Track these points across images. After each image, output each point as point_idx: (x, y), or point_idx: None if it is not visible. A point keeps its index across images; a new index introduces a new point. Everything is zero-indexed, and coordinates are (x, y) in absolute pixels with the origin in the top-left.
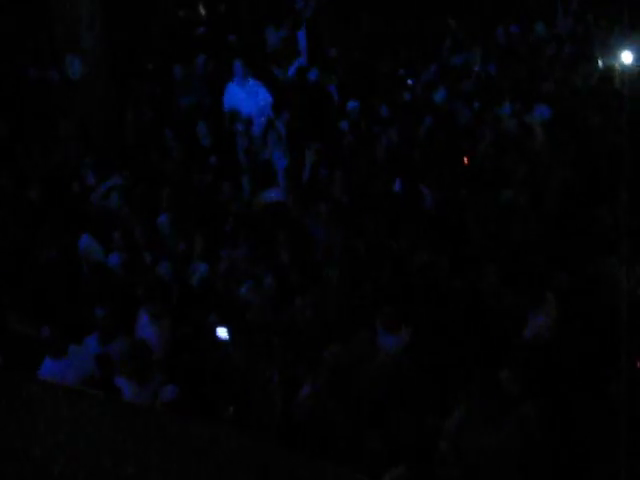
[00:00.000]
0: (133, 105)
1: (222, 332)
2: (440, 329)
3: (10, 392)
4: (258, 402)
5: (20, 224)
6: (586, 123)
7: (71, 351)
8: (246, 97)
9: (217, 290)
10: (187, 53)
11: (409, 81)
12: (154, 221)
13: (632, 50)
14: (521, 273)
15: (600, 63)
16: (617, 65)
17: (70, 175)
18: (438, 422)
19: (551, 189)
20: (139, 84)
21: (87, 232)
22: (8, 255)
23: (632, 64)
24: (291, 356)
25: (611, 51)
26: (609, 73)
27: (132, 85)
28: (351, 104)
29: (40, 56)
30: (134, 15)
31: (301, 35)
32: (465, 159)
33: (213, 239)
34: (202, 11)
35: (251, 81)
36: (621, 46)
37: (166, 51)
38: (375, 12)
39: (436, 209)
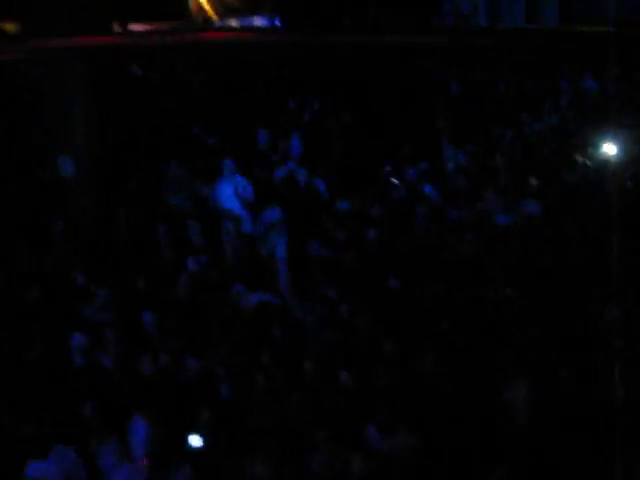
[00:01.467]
0: (124, 204)
1: (194, 440)
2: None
3: None
4: None
5: (12, 320)
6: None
7: (55, 450)
8: (232, 194)
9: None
10: (179, 153)
11: (394, 180)
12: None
13: (614, 142)
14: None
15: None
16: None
17: (61, 275)
18: None
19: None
20: (130, 183)
21: (79, 331)
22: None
23: (615, 156)
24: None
25: (594, 145)
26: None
27: (123, 184)
28: (342, 204)
29: (34, 156)
30: (126, 116)
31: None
32: None
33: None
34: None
35: (238, 178)
36: (604, 139)
37: (157, 151)
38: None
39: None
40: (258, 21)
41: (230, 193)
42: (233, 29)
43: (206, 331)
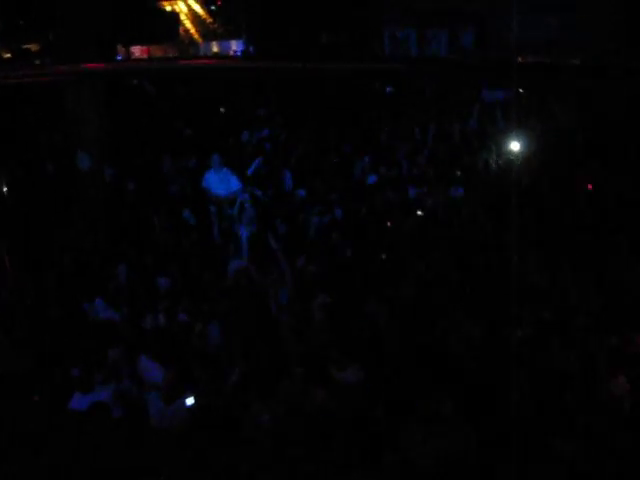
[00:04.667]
0: (131, 191)
1: (189, 401)
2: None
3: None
4: None
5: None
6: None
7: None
8: (219, 182)
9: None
10: (176, 149)
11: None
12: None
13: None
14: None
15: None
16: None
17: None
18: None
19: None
20: (136, 175)
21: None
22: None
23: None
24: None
25: (505, 142)
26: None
27: (129, 176)
28: (300, 192)
29: (55, 151)
30: (132, 118)
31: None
32: None
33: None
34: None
35: (224, 170)
36: (512, 138)
37: (157, 149)
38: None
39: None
40: (234, 45)
41: (217, 182)
42: (209, 57)
43: (197, 291)
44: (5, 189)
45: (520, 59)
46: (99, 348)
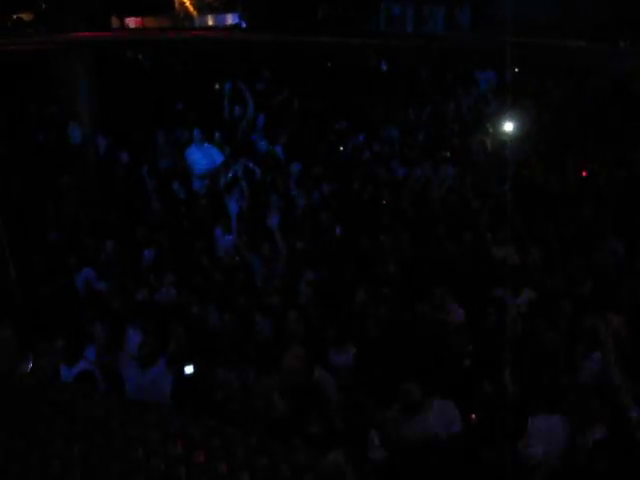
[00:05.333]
0: (120, 164)
1: (188, 369)
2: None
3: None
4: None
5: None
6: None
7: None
8: (202, 157)
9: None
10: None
11: (340, 147)
12: (137, 257)
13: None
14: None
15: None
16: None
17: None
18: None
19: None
20: (126, 147)
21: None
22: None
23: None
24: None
25: (497, 123)
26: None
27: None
28: (295, 166)
29: (47, 123)
30: (123, 91)
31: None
32: None
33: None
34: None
35: (206, 145)
36: (505, 119)
37: (149, 121)
38: (315, 93)
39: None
40: (230, 19)
41: (199, 156)
42: (203, 28)
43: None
44: None
45: (514, 39)
46: (86, 320)
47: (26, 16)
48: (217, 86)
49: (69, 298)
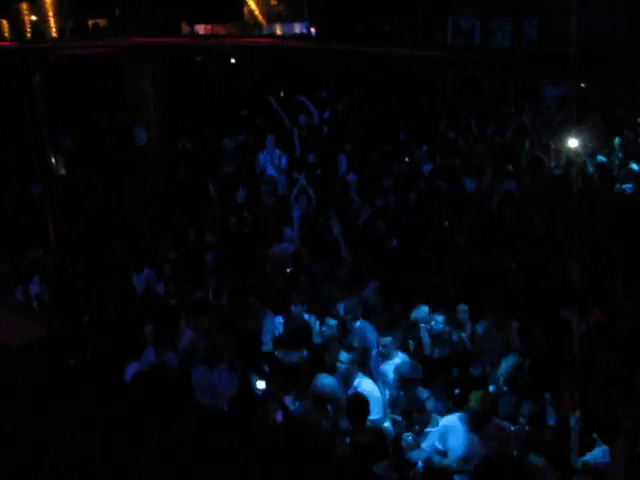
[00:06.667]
0: (185, 167)
1: (260, 384)
2: None
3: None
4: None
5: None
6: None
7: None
8: (272, 164)
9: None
10: (231, 130)
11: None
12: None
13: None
14: None
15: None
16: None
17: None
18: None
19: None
20: (191, 152)
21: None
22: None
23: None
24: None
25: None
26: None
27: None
28: (350, 176)
29: (114, 126)
30: (189, 95)
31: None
32: None
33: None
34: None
35: (277, 151)
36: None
37: (214, 126)
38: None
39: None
40: (298, 28)
41: (269, 162)
42: (267, 36)
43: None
44: (62, 162)
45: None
46: (144, 319)
47: (101, 22)
48: (282, 94)
49: (127, 298)
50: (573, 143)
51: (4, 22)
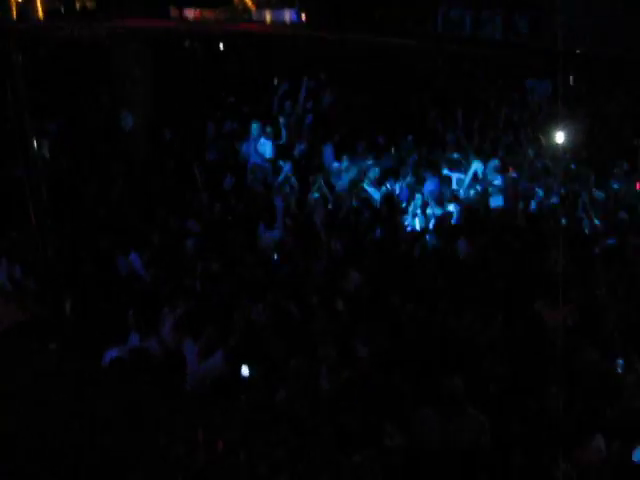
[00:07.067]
0: (171, 151)
1: (245, 370)
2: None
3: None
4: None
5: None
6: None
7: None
8: (256, 151)
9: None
10: (217, 116)
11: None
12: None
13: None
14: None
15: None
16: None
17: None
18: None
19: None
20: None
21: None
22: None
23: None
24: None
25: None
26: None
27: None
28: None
29: (100, 110)
30: (175, 81)
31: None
32: None
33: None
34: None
35: (262, 139)
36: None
37: (199, 113)
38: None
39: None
40: (287, 14)
41: (254, 150)
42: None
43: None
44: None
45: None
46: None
47: (89, 4)
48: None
49: (109, 281)
50: (559, 138)
51: None
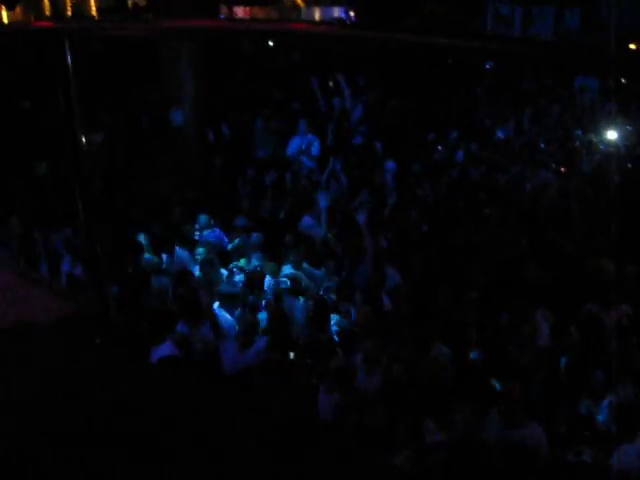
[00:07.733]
0: (220, 148)
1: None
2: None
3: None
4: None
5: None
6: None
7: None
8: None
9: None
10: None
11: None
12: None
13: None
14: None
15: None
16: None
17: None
18: None
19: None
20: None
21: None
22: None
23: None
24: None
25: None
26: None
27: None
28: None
29: (151, 107)
30: (224, 77)
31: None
32: None
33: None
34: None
35: (310, 136)
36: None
37: (248, 108)
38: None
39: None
40: (337, 11)
41: (301, 148)
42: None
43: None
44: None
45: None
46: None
47: (140, 1)
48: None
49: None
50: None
51: (46, 1)
